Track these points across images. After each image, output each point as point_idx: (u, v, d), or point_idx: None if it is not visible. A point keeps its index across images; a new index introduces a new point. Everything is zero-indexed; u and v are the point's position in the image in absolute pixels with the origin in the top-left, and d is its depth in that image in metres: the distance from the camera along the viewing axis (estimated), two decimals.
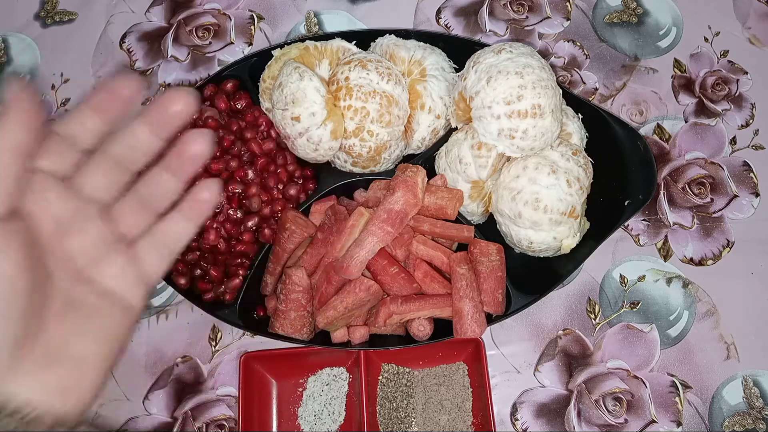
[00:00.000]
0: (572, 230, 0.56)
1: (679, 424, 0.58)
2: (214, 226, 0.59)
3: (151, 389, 0.62)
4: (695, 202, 0.67)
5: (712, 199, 0.67)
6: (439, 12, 0.78)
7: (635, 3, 0.77)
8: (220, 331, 0.64)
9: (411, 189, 0.55)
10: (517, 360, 0.62)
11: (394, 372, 0.60)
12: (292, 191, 0.61)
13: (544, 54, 0.74)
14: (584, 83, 0.73)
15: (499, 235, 0.60)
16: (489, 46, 0.57)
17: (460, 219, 0.59)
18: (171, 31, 0.79)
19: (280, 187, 0.61)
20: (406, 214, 0.55)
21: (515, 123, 0.52)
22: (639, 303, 0.63)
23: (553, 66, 0.73)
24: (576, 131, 0.60)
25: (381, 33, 0.64)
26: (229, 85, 0.65)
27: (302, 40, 0.63)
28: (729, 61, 0.73)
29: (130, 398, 0.62)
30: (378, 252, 0.54)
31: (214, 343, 0.64)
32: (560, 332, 0.62)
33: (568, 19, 0.76)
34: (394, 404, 0.58)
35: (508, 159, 0.57)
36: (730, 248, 0.65)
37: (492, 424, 0.55)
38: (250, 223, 0.60)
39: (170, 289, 0.65)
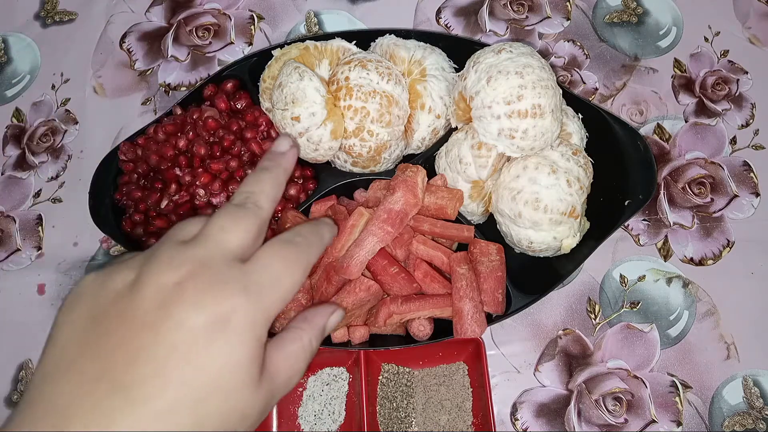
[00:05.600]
0: (572, 230, 0.56)
1: (679, 424, 0.58)
2: None
3: None
4: (695, 202, 0.67)
5: (712, 199, 0.67)
6: (439, 12, 0.78)
7: (635, 3, 0.77)
8: None
9: (411, 189, 0.55)
10: (517, 360, 0.62)
11: (394, 372, 0.60)
12: (292, 191, 0.61)
13: (544, 54, 0.74)
14: (584, 83, 0.73)
15: (499, 235, 0.60)
16: (489, 45, 0.57)
17: (460, 219, 0.59)
18: (171, 31, 0.79)
19: None
20: (406, 214, 0.55)
21: (515, 123, 0.52)
22: (639, 303, 0.63)
23: (553, 66, 0.73)
24: (576, 131, 0.60)
25: (381, 33, 0.64)
26: (229, 85, 0.65)
27: (302, 40, 0.63)
28: (729, 61, 0.73)
29: None
30: (378, 252, 0.54)
31: None
32: (560, 332, 0.62)
33: (568, 19, 0.76)
34: (394, 404, 0.58)
35: (508, 159, 0.57)
36: (730, 248, 0.65)
37: (492, 424, 0.55)
38: None
39: None
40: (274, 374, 0.30)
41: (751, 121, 0.70)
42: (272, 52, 0.62)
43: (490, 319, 0.56)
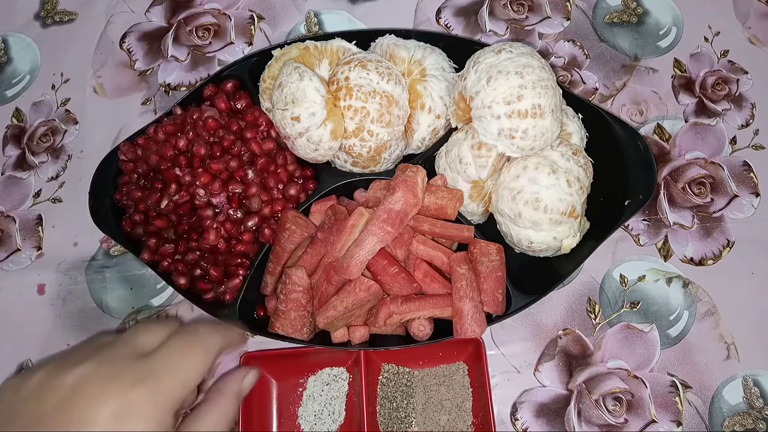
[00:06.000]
0: (572, 230, 0.56)
1: (679, 424, 0.58)
2: (214, 226, 0.59)
3: None
4: (695, 202, 0.67)
5: (712, 199, 0.67)
6: (439, 12, 0.78)
7: (635, 3, 0.77)
8: None
9: (411, 189, 0.55)
10: (517, 360, 0.62)
11: (394, 372, 0.60)
12: (292, 191, 0.61)
13: (544, 54, 0.74)
14: (584, 83, 0.73)
15: (499, 235, 0.60)
16: (489, 46, 0.57)
17: (460, 219, 0.59)
18: (171, 31, 0.79)
19: (280, 187, 0.61)
20: (406, 214, 0.55)
21: (515, 123, 0.52)
22: (639, 303, 0.63)
23: (553, 66, 0.73)
24: (576, 131, 0.60)
25: (381, 33, 0.64)
26: (229, 85, 0.65)
27: (302, 40, 0.63)
28: (729, 61, 0.73)
29: None
30: (378, 252, 0.54)
31: None
32: (560, 332, 0.62)
33: (568, 19, 0.76)
34: (394, 404, 0.58)
35: (508, 159, 0.57)
36: (730, 248, 0.65)
37: (492, 424, 0.55)
38: (250, 223, 0.60)
39: (170, 289, 0.65)
40: None
41: (751, 121, 0.70)
42: (272, 52, 0.62)
43: (490, 319, 0.56)
